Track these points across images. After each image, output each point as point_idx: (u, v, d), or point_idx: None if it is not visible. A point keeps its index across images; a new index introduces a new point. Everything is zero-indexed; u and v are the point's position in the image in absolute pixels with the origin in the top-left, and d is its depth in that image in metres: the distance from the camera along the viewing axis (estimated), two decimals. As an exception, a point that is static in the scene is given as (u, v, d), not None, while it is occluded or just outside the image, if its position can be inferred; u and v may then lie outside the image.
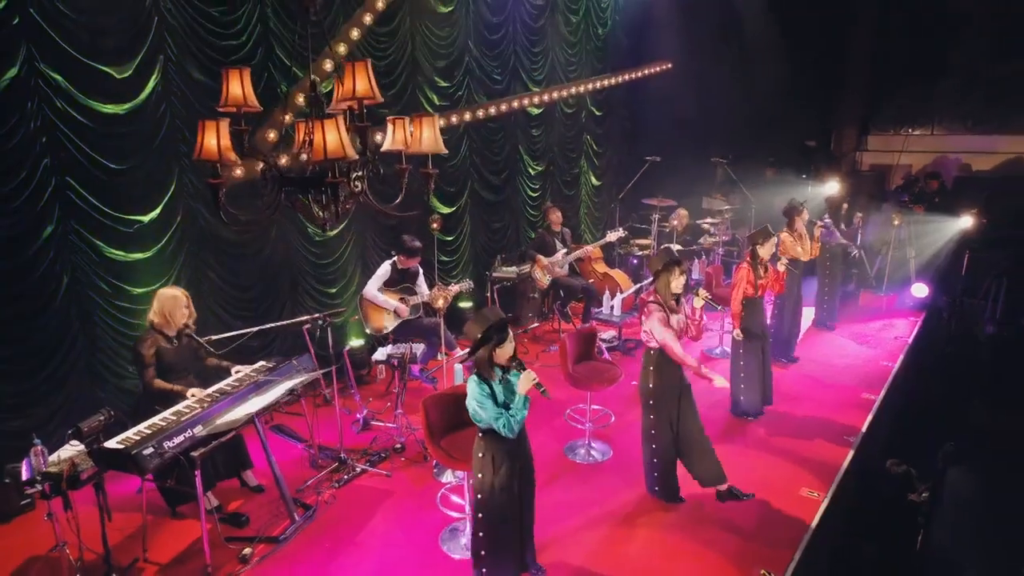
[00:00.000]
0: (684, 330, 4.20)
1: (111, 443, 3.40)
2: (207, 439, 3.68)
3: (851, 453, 5.01)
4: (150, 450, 3.39)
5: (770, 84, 9.81)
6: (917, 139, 9.98)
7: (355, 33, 5.95)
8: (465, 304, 7.53)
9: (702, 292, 4.18)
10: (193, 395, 4.00)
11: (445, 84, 7.10)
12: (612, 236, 7.59)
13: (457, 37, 7.12)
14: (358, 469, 4.76)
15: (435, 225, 6.64)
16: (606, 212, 9.96)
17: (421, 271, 6.04)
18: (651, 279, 4.29)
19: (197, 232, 5.28)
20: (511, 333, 3.22)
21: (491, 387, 3.16)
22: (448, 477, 4.63)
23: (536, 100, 8.29)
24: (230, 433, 3.81)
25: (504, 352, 3.17)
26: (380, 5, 6.06)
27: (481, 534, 3.24)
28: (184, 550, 3.92)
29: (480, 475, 3.20)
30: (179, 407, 3.86)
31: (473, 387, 3.12)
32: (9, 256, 4.26)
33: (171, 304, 4.08)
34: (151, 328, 4.09)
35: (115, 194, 4.73)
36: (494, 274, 7.55)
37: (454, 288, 5.82)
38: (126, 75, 4.64)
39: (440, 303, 5.37)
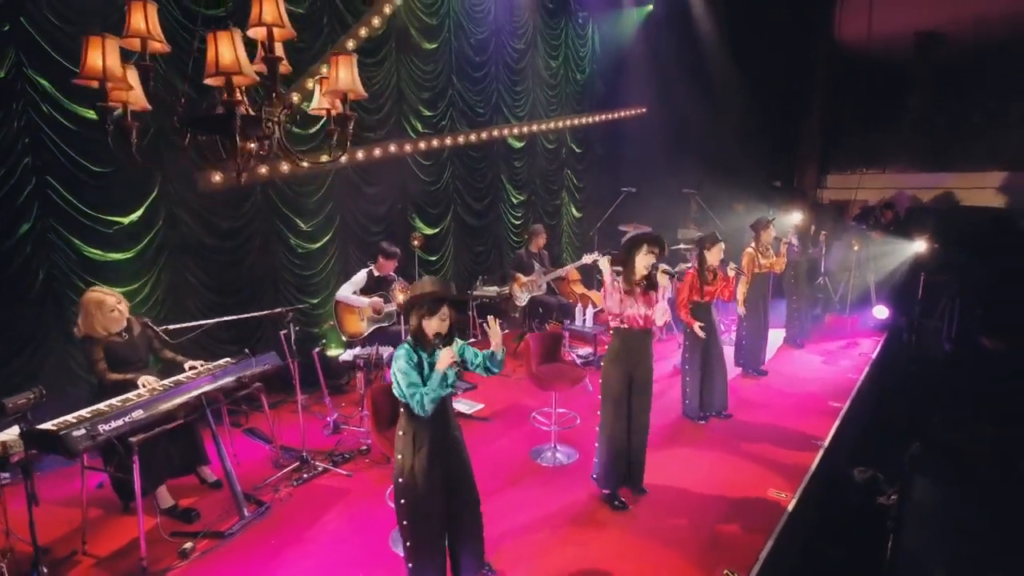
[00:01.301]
0: (648, 318, 3.76)
1: (45, 425, 3.00)
2: (148, 425, 3.27)
3: (819, 456, 4.51)
4: (81, 432, 2.97)
5: (736, 127, 9.69)
6: (871, 177, 9.80)
7: (350, 43, 5.78)
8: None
9: (662, 266, 3.75)
10: (145, 383, 3.59)
11: (429, 114, 6.92)
12: (588, 259, 7.16)
13: (441, 72, 6.99)
14: (319, 468, 4.29)
15: (416, 242, 6.35)
16: (586, 240, 9.66)
17: (398, 280, 5.69)
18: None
19: (178, 237, 4.97)
20: (446, 309, 2.70)
21: (421, 358, 2.69)
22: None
23: (517, 131, 8.11)
24: (175, 422, 3.41)
25: (431, 326, 2.68)
26: (363, 32, 5.92)
27: (405, 523, 2.71)
28: (125, 544, 3.45)
29: (400, 456, 2.71)
30: (127, 395, 3.45)
31: (402, 353, 2.66)
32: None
33: (96, 312, 3.57)
34: (85, 337, 3.60)
35: (96, 196, 4.45)
36: (475, 293, 7.21)
37: None
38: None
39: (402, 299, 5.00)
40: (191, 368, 3.83)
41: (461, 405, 5.44)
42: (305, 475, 4.21)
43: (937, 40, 9.00)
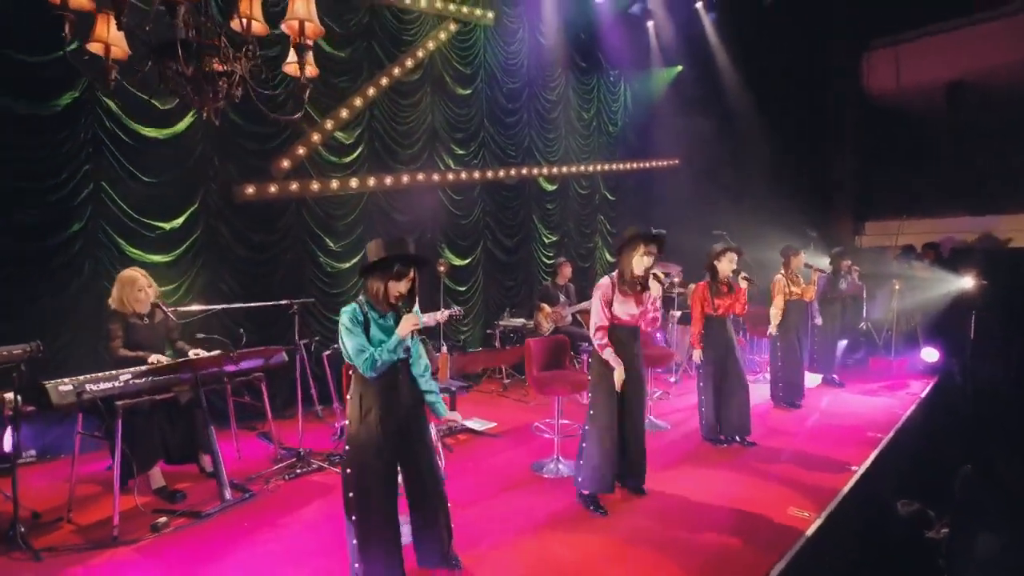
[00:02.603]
0: (637, 318, 3.44)
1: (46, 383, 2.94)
2: (137, 392, 3.17)
3: (853, 480, 3.80)
4: (67, 387, 2.90)
5: (768, 176, 9.31)
6: (913, 223, 9.01)
7: (371, 91, 6.02)
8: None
9: (656, 272, 3.42)
10: (154, 361, 3.53)
11: (461, 152, 7.04)
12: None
13: (474, 116, 7.15)
14: (313, 465, 4.02)
15: (442, 268, 6.28)
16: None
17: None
18: None
19: (215, 247, 5.10)
20: (412, 272, 2.43)
21: (368, 319, 2.41)
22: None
23: (547, 172, 8.09)
24: (165, 395, 3.29)
25: (397, 287, 2.38)
26: (399, 73, 6.18)
27: (351, 495, 2.36)
28: (107, 516, 3.26)
29: (348, 422, 2.42)
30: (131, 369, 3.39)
31: (347, 311, 2.39)
32: (34, 239, 4.18)
33: (127, 288, 3.60)
34: (112, 312, 3.64)
35: (143, 202, 4.68)
36: (501, 323, 6.98)
37: (439, 315, 5.25)
38: (168, 107, 4.76)
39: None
40: (195, 354, 3.76)
41: (473, 423, 5.09)
42: (299, 470, 3.95)
43: (968, 90, 8.47)
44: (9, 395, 2.98)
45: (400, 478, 2.49)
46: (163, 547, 2.96)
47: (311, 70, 2.52)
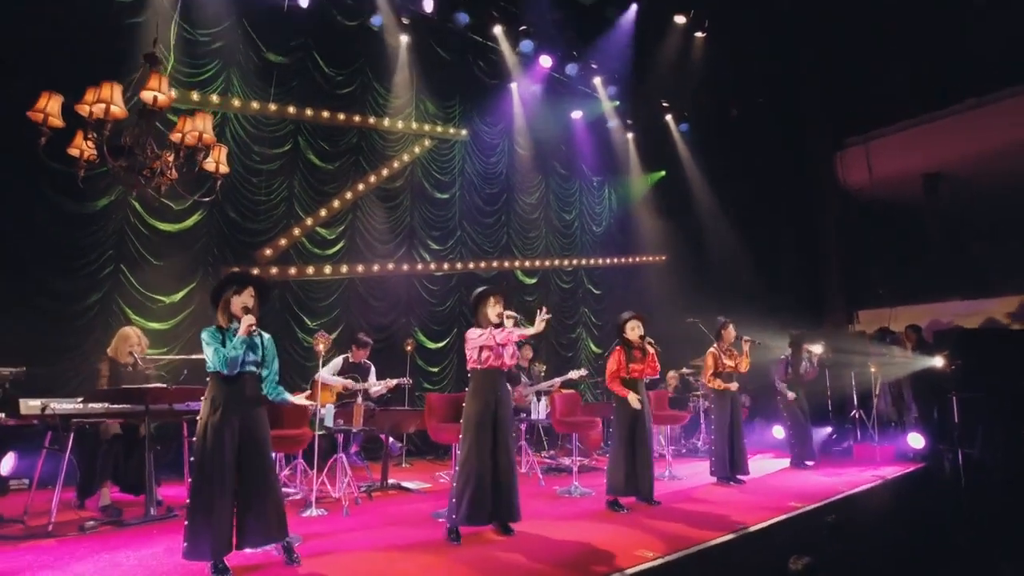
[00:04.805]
0: (502, 360, 4.03)
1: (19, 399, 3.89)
2: (88, 415, 4.03)
3: (729, 536, 3.94)
4: (35, 403, 3.83)
5: (754, 270, 9.76)
6: (905, 310, 9.00)
7: (360, 187, 7.34)
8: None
9: (507, 313, 4.04)
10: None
11: (438, 247, 8.11)
12: (574, 374, 7.36)
13: (452, 216, 8.32)
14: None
15: (409, 347, 7.08)
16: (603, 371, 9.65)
17: (373, 368, 6.31)
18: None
19: (206, 320, 6.19)
20: (248, 288, 3.18)
21: (223, 334, 3.12)
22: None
23: (527, 265, 8.97)
24: (114, 419, 4.15)
25: (240, 301, 3.12)
26: (385, 173, 7.52)
27: (191, 480, 2.95)
28: (53, 520, 3.97)
29: (200, 417, 3.07)
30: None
31: (207, 329, 3.13)
32: (63, 302, 5.45)
33: (121, 341, 4.66)
34: (106, 355, 4.68)
35: (151, 281, 5.93)
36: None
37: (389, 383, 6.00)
38: (183, 207, 6.15)
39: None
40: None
41: (410, 484, 5.58)
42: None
43: (944, 179, 8.87)
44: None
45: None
46: (82, 540, 3.64)
47: (224, 168, 3.62)
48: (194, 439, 3.10)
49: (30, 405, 3.81)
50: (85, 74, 3.96)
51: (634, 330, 5.05)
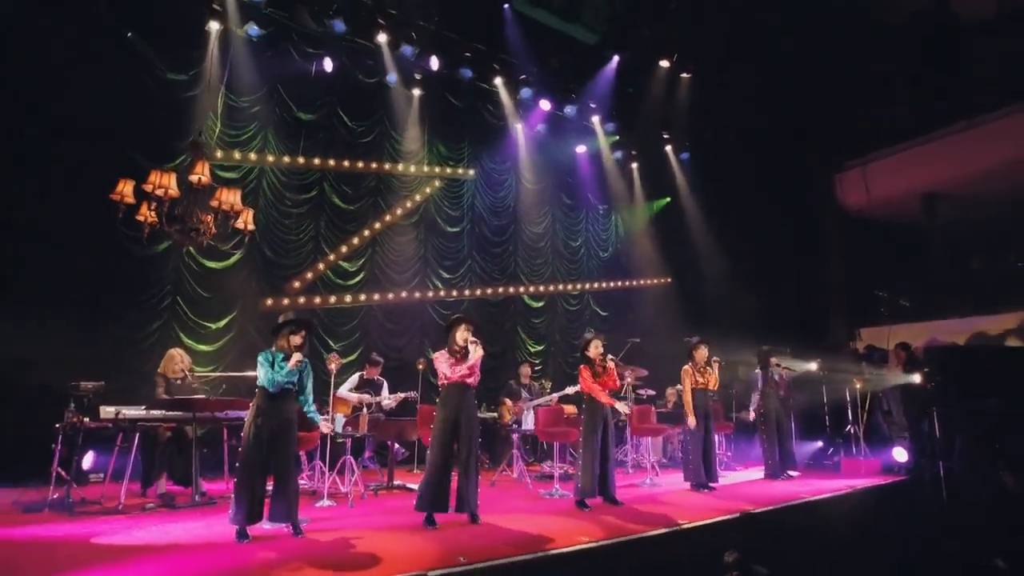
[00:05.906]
0: (464, 377, 4.87)
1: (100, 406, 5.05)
2: (150, 419, 5.15)
3: (665, 530, 4.62)
4: (110, 410, 4.96)
5: (756, 292, 10.24)
6: (906, 327, 9.26)
7: (378, 224, 8.43)
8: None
9: (471, 338, 4.87)
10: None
11: (449, 276, 9.09)
12: (570, 389, 8.10)
13: (462, 248, 9.29)
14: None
15: (420, 366, 8.03)
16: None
17: (385, 383, 7.27)
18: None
19: (245, 342, 7.37)
20: (302, 331, 4.28)
21: (275, 359, 4.18)
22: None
23: (533, 290, 9.82)
24: (168, 424, 5.26)
25: (294, 340, 4.22)
26: (399, 211, 8.58)
27: (237, 465, 4.00)
28: (122, 503, 5.03)
29: (246, 419, 4.12)
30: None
31: (263, 354, 4.17)
32: (130, 329, 6.70)
33: (168, 360, 5.78)
34: (160, 373, 5.84)
35: (199, 310, 7.15)
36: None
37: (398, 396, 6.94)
38: (226, 247, 7.37)
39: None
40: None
41: (413, 485, 6.46)
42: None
43: (943, 199, 9.18)
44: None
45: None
46: (144, 517, 4.72)
47: (250, 227, 4.70)
48: (241, 436, 4.15)
49: (107, 411, 4.95)
50: (157, 141, 5.16)
51: (596, 348, 5.81)
